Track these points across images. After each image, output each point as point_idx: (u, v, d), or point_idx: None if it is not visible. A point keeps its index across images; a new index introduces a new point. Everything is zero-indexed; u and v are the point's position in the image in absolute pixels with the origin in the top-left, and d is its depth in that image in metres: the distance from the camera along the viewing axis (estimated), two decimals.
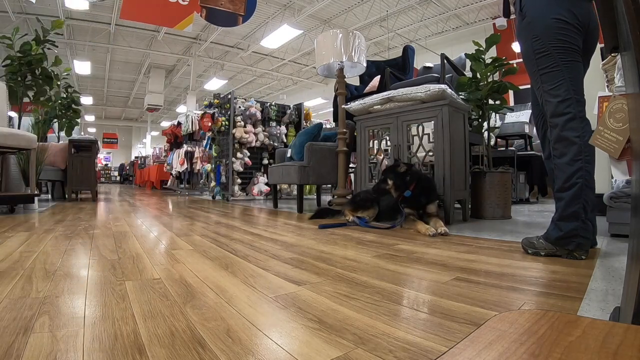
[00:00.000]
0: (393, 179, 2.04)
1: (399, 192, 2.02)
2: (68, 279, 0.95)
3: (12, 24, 7.94)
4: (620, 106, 1.60)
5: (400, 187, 2.01)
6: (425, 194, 1.99)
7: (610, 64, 2.60)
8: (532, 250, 1.28)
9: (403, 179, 2.00)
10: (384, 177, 2.10)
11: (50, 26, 3.88)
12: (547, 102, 1.29)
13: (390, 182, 2.04)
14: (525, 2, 1.30)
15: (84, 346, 0.55)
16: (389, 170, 2.09)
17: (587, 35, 1.26)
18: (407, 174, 2.01)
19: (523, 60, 1.41)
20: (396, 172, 2.04)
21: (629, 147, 0.87)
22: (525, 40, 1.32)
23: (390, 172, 2.08)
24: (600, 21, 0.60)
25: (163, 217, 2.77)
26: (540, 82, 1.31)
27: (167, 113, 19.23)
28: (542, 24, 1.24)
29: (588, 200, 1.22)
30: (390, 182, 2.05)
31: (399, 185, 2.01)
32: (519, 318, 0.48)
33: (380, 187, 2.11)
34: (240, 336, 0.60)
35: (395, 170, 2.05)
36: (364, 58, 2.83)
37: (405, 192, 1.99)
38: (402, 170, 2.03)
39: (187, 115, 6.89)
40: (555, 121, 1.25)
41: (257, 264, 1.16)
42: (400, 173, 2.03)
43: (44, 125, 4.55)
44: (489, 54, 2.64)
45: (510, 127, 4.69)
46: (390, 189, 2.05)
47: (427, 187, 2.01)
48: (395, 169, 2.07)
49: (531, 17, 1.28)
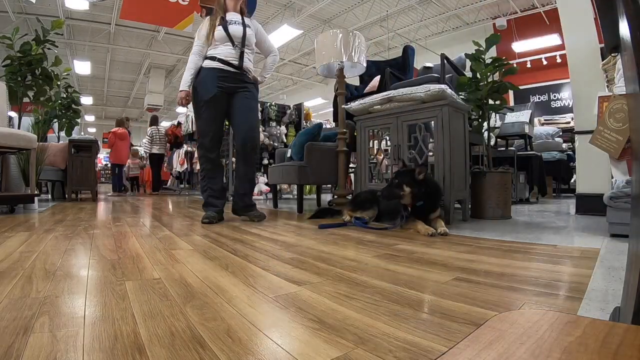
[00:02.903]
0: (411, 187, 1.85)
1: (414, 202, 1.88)
2: (68, 279, 0.95)
3: (12, 24, 7.94)
4: (620, 106, 1.61)
5: (417, 197, 1.86)
6: (432, 201, 1.89)
7: (610, 64, 2.60)
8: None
9: (421, 189, 1.84)
10: (398, 182, 1.89)
11: (50, 26, 3.88)
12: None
13: (408, 189, 1.86)
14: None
15: (84, 346, 0.55)
16: (404, 175, 1.91)
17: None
18: (424, 183, 1.85)
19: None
20: (415, 179, 1.86)
21: (629, 147, 0.87)
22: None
23: (406, 177, 1.89)
24: (600, 21, 0.60)
25: (163, 217, 2.77)
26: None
27: (167, 113, 19.22)
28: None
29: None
30: (407, 189, 1.86)
31: (415, 195, 1.85)
32: (519, 318, 0.48)
33: (392, 191, 1.90)
34: (240, 336, 0.60)
35: (413, 177, 1.86)
36: (364, 58, 2.83)
37: (418, 202, 1.87)
38: (421, 178, 1.85)
39: (187, 115, 6.89)
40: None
41: (257, 264, 1.16)
42: (419, 181, 1.85)
43: (44, 125, 4.55)
44: (489, 54, 2.64)
45: (510, 127, 4.69)
46: (405, 195, 1.87)
47: (435, 194, 1.91)
48: (412, 174, 1.88)
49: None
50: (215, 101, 2.30)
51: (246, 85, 2.39)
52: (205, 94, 2.28)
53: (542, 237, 1.69)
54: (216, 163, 2.43)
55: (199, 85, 2.31)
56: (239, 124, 2.40)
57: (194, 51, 2.33)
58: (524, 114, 4.80)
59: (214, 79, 2.28)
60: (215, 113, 2.34)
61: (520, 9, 8.88)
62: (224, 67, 2.31)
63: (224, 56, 2.30)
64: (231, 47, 2.32)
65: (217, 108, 2.33)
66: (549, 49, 8.41)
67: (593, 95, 2.26)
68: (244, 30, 2.35)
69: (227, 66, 2.31)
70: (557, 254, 1.28)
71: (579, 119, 2.91)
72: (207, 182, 2.40)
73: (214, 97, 2.28)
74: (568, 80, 3.60)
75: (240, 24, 2.36)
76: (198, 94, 2.31)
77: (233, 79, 2.34)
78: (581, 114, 2.86)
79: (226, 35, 2.29)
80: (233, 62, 2.33)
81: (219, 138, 2.43)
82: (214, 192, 2.39)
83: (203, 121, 2.36)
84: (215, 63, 2.30)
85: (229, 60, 2.31)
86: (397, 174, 1.98)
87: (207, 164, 2.39)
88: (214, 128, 2.36)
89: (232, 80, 2.33)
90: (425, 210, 1.89)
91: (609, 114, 1.60)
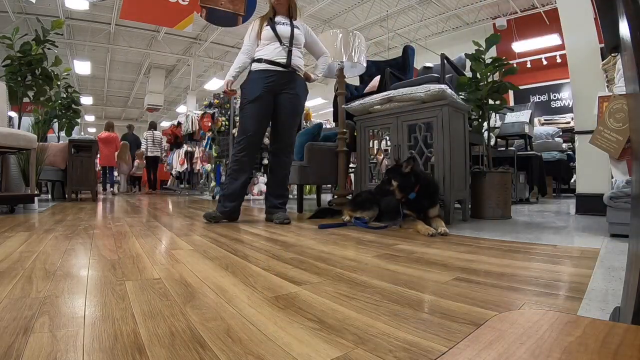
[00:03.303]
0: (398, 180, 1.96)
1: (403, 194, 1.96)
2: (68, 279, 0.95)
3: (12, 24, 7.94)
4: (620, 106, 1.61)
5: (405, 189, 1.94)
6: (428, 196, 1.93)
7: (610, 64, 2.60)
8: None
9: (408, 181, 1.94)
10: (387, 178, 2.02)
11: (50, 26, 3.88)
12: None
13: (395, 183, 1.97)
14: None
15: (84, 346, 0.55)
16: (393, 171, 2.02)
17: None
18: (412, 175, 1.95)
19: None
20: (401, 173, 1.96)
21: (629, 147, 0.87)
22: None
23: (394, 172, 2.00)
24: (600, 21, 0.60)
25: (163, 217, 2.77)
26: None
27: (167, 113, 19.22)
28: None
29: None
30: (394, 183, 1.97)
31: (403, 187, 1.95)
32: (519, 318, 0.48)
33: (383, 187, 2.04)
34: (240, 336, 0.60)
35: (400, 171, 1.97)
36: (364, 58, 2.83)
37: (410, 195, 1.93)
38: (407, 171, 1.96)
39: (187, 115, 6.89)
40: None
41: (257, 263, 1.16)
42: (405, 174, 1.96)
43: (44, 125, 4.55)
44: (489, 54, 2.64)
45: (510, 127, 4.69)
46: (394, 190, 1.98)
47: (431, 190, 1.95)
48: (399, 169, 2.00)
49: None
50: (259, 100, 2.29)
51: (294, 85, 2.36)
52: (251, 94, 2.29)
53: (542, 237, 1.69)
54: (243, 165, 2.37)
55: (245, 87, 2.33)
56: (278, 126, 2.41)
57: (243, 50, 2.34)
58: (524, 114, 4.80)
59: (261, 80, 2.28)
60: (259, 112, 2.32)
61: (520, 9, 8.88)
62: (271, 67, 2.29)
63: (270, 56, 2.29)
64: (278, 46, 2.30)
65: (261, 107, 2.31)
66: (549, 49, 8.41)
67: (593, 95, 2.25)
68: (292, 30, 2.34)
69: (274, 66, 2.29)
70: (557, 254, 1.28)
71: (579, 119, 2.91)
72: (227, 181, 2.40)
73: (259, 96, 2.28)
74: (568, 80, 3.60)
75: (288, 25, 2.36)
76: (244, 95, 2.33)
77: (280, 78, 2.32)
78: (581, 114, 2.86)
79: (274, 35, 2.28)
80: (280, 60, 2.30)
81: (256, 140, 2.38)
82: (228, 194, 2.36)
83: (244, 119, 2.35)
84: (262, 65, 2.29)
85: (275, 60, 2.29)
86: (387, 171, 2.08)
87: (234, 164, 2.36)
88: (254, 128, 2.33)
89: (280, 79, 2.31)
90: (422, 204, 1.93)
91: (609, 114, 1.60)
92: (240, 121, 2.43)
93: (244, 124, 2.36)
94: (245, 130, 2.34)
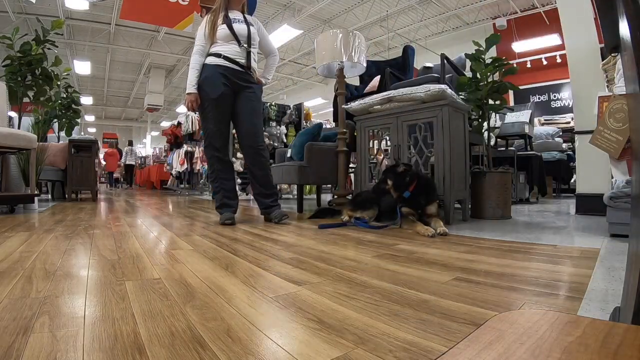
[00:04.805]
0: (392, 179, 2.02)
1: (398, 193, 2.01)
2: (68, 279, 0.95)
3: (12, 24, 7.94)
4: (620, 106, 1.61)
5: (400, 188, 1.99)
6: (425, 194, 1.97)
7: (610, 64, 2.60)
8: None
9: (402, 179, 1.99)
10: (383, 177, 2.08)
11: (50, 26, 3.88)
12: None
13: (390, 182, 2.03)
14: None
15: (84, 346, 0.55)
16: (389, 171, 2.09)
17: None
18: (407, 175, 2.00)
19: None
20: (395, 172, 2.03)
21: (629, 147, 0.87)
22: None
23: (389, 172, 2.07)
24: (600, 21, 0.60)
25: (163, 217, 2.77)
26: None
27: (167, 113, 19.22)
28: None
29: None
30: (389, 182, 2.04)
31: (398, 186, 2.00)
32: (519, 318, 0.48)
33: (379, 187, 2.10)
34: (240, 336, 0.60)
35: (395, 171, 2.04)
36: (364, 58, 2.83)
37: (404, 193, 1.98)
38: (401, 170, 2.02)
39: (187, 115, 6.89)
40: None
41: (257, 264, 1.16)
42: (400, 173, 2.01)
43: (44, 125, 4.55)
44: (489, 54, 2.64)
45: (510, 127, 4.69)
46: (390, 189, 2.04)
47: (427, 188, 1.99)
48: (394, 169, 2.06)
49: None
50: (222, 99, 2.23)
51: (251, 86, 2.32)
52: (212, 92, 2.20)
53: (542, 237, 1.69)
54: (227, 163, 2.37)
55: (204, 84, 2.21)
56: (243, 127, 2.33)
57: (196, 51, 2.25)
58: (524, 114, 4.80)
59: (220, 77, 2.20)
60: (223, 112, 2.27)
61: (520, 9, 8.88)
62: (230, 65, 2.22)
63: (230, 54, 2.22)
64: (237, 46, 2.24)
65: (224, 107, 2.26)
66: (549, 49, 8.41)
67: (593, 95, 2.26)
68: (248, 28, 2.29)
69: (233, 64, 2.23)
70: (557, 254, 1.28)
71: (579, 119, 2.90)
72: (219, 183, 2.33)
73: (221, 95, 2.21)
74: (568, 80, 3.60)
75: (243, 22, 2.30)
76: (204, 93, 2.22)
77: (239, 78, 2.27)
78: (581, 114, 2.85)
79: (231, 34, 2.22)
80: (240, 61, 2.24)
81: (227, 137, 2.36)
82: (227, 193, 2.33)
83: (210, 121, 2.26)
84: (221, 60, 2.21)
85: (235, 59, 2.23)
86: (384, 171, 2.15)
87: (217, 164, 2.32)
88: (222, 127, 2.29)
89: (239, 78, 2.26)
90: (419, 202, 1.96)
91: (609, 114, 1.60)
92: (204, 123, 2.32)
93: (210, 126, 2.27)
94: (213, 132, 2.27)
